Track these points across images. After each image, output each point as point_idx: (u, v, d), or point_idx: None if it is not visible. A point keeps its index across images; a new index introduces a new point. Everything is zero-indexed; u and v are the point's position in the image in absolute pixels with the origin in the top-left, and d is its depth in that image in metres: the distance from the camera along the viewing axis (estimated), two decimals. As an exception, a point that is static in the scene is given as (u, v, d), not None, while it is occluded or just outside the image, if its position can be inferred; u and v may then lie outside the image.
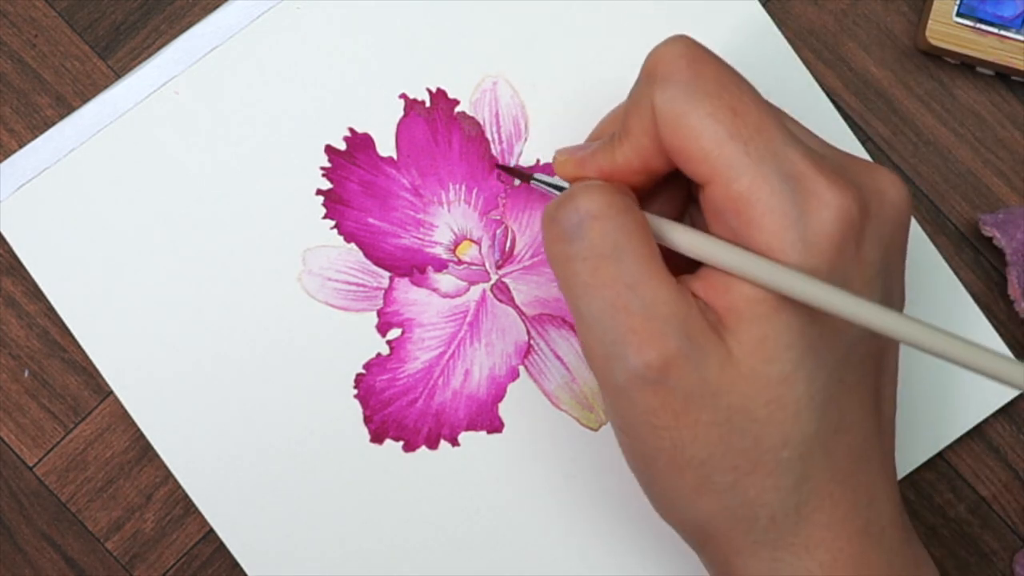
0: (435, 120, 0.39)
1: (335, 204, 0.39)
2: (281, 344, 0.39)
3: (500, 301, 0.39)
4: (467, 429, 0.39)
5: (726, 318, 0.29)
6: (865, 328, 0.29)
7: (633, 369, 0.29)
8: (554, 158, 0.34)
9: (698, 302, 0.30)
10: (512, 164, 0.39)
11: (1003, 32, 0.38)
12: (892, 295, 0.31)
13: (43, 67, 0.39)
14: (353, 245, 0.39)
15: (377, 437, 0.39)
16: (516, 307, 0.39)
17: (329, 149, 0.39)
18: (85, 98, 0.39)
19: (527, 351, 0.39)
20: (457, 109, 0.39)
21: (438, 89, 0.39)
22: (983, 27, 0.38)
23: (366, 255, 0.39)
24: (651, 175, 0.31)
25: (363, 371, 0.39)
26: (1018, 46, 0.38)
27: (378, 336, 0.39)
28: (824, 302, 0.28)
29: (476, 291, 0.39)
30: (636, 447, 0.31)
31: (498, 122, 0.39)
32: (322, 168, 0.39)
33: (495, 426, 0.39)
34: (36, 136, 0.39)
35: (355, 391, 0.39)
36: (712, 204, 0.30)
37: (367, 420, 0.39)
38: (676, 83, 0.29)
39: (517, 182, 0.39)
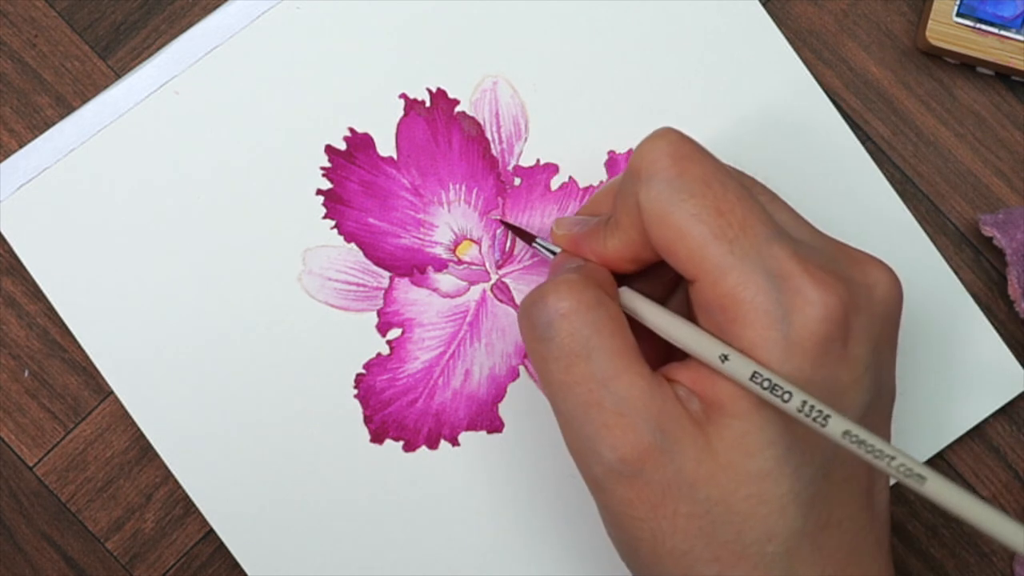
0: (435, 120, 0.39)
1: (335, 204, 0.39)
2: (281, 344, 0.39)
3: (500, 301, 0.39)
4: (467, 429, 0.39)
5: (710, 409, 0.29)
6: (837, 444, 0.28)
7: (608, 463, 0.29)
8: (552, 230, 0.34)
9: (682, 390, 0.30)
10: (511, 166, 0.39)
11: (1003, 32, 0.38)
12: (882, 391, 0.31)
13: (43, 67, 0.39)
14: (353, 245, 0.39)
15: (377, 437, 0.39)
16: (516, 307, 0.39)
17: (329, 149, 0.39)
18: (85, 98, 0.39)
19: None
20: (457, 109, 0.39)
21: (438, 89, 0.39)
22: (983, 27, 0.38)
23: (366, 255, 0.39)
24: (640, 264, 0.32)
25: (363, 371, 0.39)
26: (1018, 46, 0.38)
27: (378, 336, 0.39)
28: (795, 414, 0.28)
29: (476, 291, 0.39)
30: (619, 536, 0.31)
31: (498, 122, 0.39)
32: (322, 168, 0.39)
33: (495, 426, 0.39)
34: (36, 136, 0.39)
35: (355, 391, 0.39)
36: (699, 299, 0.30)
37: (367, 420, 0.39)
38: (660, 181, 0.30)
39: (518, 180, 0.39)
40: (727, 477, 0.29)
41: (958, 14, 0.38)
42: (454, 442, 0.39)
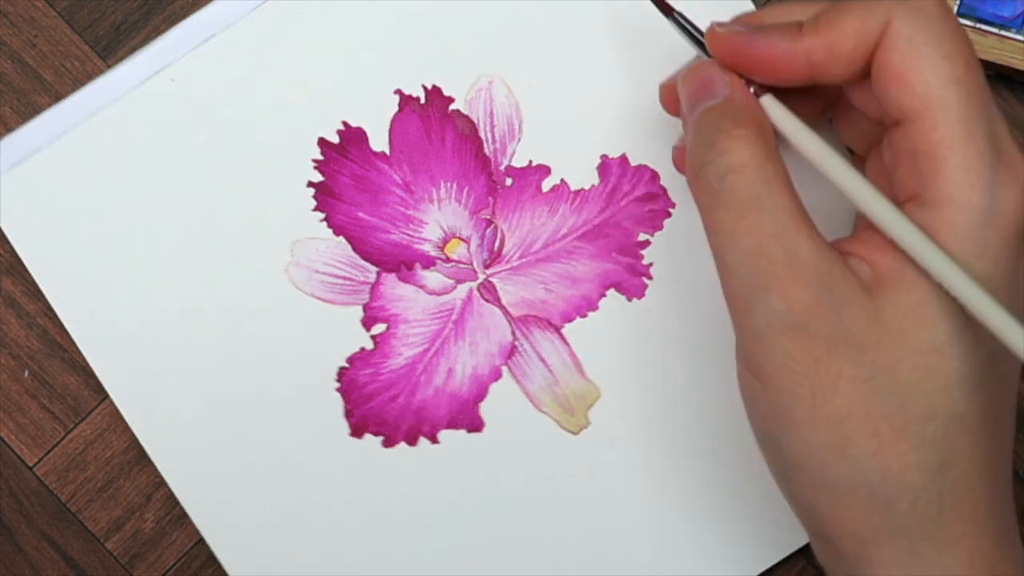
0: (429, 117, 0.39)
1: (326, 197, 0.39)
2: (265, 335, 0.39)
3: (486, 300, 0.39)
4: (447, 427, 0.39)
5: (887, 277, 0.29)
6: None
7: (776, 312, 0.28)
8: (712, 28, 0.32)
9: (852, 260, 0.29)
10: (503, 166, 0.39)
11: (1003, 32, 0.38)
12: None
13: (43, 67, 0.39)
14: (342, 239, 0.39)
15: (357, 431, 0.39)
16: (502, 307, 0.39)
17: (322, 142, 0.39)
18: (85, 98, 0.39)
19: (511, 352, 0.39)
20: (452, 107, 0.39)
21: (433, 86, 0.39)
22: (983, 27, 0.38)
23: (354, 249, 0.39)
24: (815, 78, 0.31)
25: (346, 365, 0.39)
26: (1018, 46, 0.38)
27: (363, 330, 0.39)
28: (982, 316, 0.27)
29: (463, 289, 0.39)
30: (772, 397, 0.29)
31: (492, 121, 0.39)
32: (314, 160, 0.39)
33: (475, 425, 0.39)
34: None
35: (337, 384, 0.39)
36: (904, 144, 0.29)
37: (348, 414, 0.39)
38: (927, 13, 0.29)
39: (509, 181, 0.39)
40: (896, 345, 0.28)
41: (958, 14, 0.38)
42: (433, 439, 0.39)
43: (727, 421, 0.38)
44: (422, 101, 0.39)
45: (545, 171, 0.39)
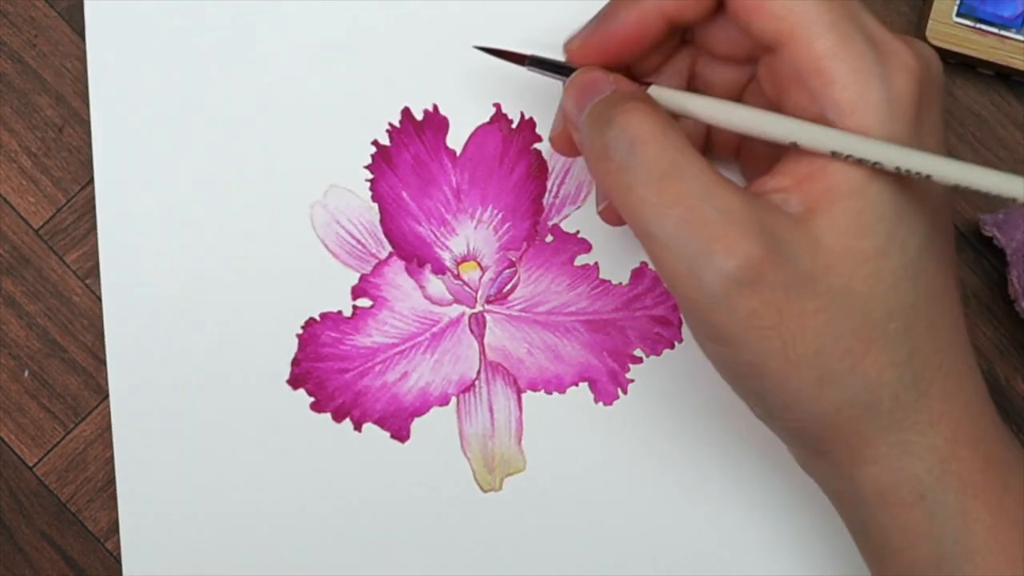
0: (511, 142, 0.39)
1: (382, 162, 0.39)
2: (262, 257, 0.39)
3: (471, 330, 0.39)
4: (375, 423, 0.39)
5: (819, 202, 0.29)
6: (954, 187, 0.29)
7: (727, 273, 0.28)
8: (565, 47, 0.33)
9: (775, 196, 0.30)
10: (552, 222, 0.39)
11: (1003, 32, 0.38)
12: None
13: (43, 67, 0.39)
14: (376, 206, 0.39)
15: (295, 381, 0.39)
16: (481, 344, 0.39)
17: (405, 112, 0.39)
18: (85, 98, 0.39)
19: (468, 387, 0.39)
20: (536, 145, 0.39)
21: (530, 118, 0.39)
22: (983, 27, 0.38)
23: (381, 221, 0.39)
24: (674, 28, 0.31)
25: (316, 318, 0.39)
26: (1018, 46, 0.38)
27: (349, 297, 0.39)
28: (919, 166, 0.28)
29: (456, 310, 0.39)
30: (743, 357, 0.30)
31: (564, 178, 0.39)
32: (390, 124, 0.39)
33: (401, 435, 0.39)
34: (36, 135, 0.39)
35: (300, 331, 0.39)
36: (786, 67, 0.29)
37: (295, 361, 0.39)
38: None
39: (550, 238, 0.39)
40: (844, 263, 0.29)
41: (958, 14, 0.38)
42: (357, 427, 0.39)
43: (632, 548, 0.39)
44: (513, 125, 0.39)
45: (586, 247, 0.39)
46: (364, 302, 0.39)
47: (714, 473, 0.39)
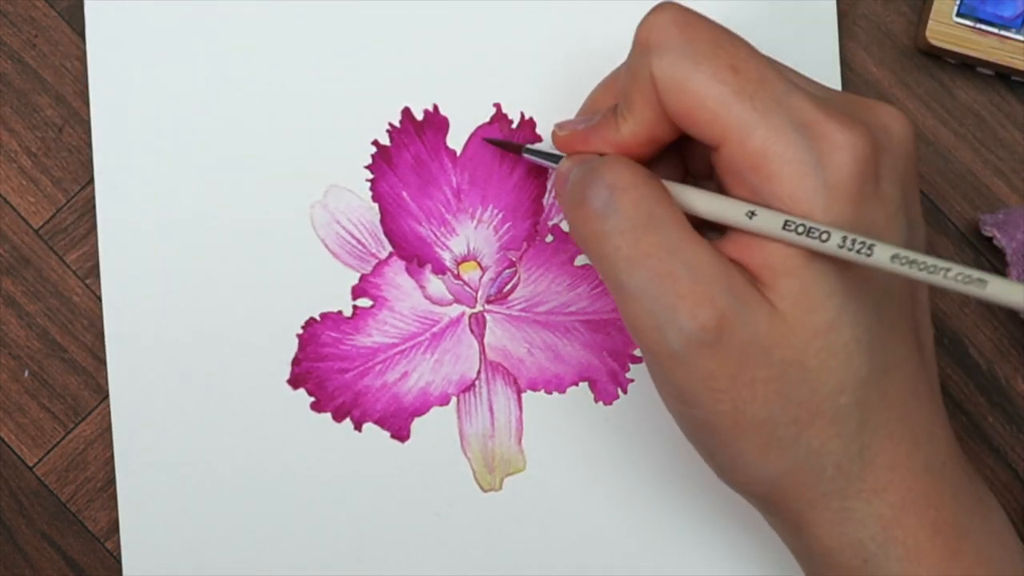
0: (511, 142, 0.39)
1: (382, 162, 0.39)
2: (260, 258, 0.39)
3: (471, 330, 0.39)
4: (376, 423, 0.39)
5: (762, 275, 0.29)
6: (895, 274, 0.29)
7: (688, 332, 0.29)
8: (553, 132, 0.34)
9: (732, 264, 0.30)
10: (552, 222, 0.39)
11: (1003, 32, 0.38)
12: (914, 228, 0.31)
13: (43, 67, 0.39)
14: (376, 206, 0.39)
15: (295, 381, 0.39)
16: (481, 344, 0.39)
17: (406, 112, 0.39)
18: (85, 98, 0.39)
19: (468, 387, 0.39)
20: (536, 145, 0.39)
21: (529, 117, 0.39)
22: (983, 27, 0.38)
23: (382, 221, 0.39)
24: (657, 145, 0.32)
25: (316, 318, 0.39)
26: (1018, 46, 0.38)
27: (349, 297, 0.39)
28: (837, 252, 0.28)
29: (456, 310, 0.39)
30: (696, 415, 0.30)
31: None
32: (390, 124, 0.39)
33: (401, 434, 0.39)
34: (36, 135, 0.39)
35: (300, 331, 0.39)
36: (728, 164, 0.30)
37: (295, 361, 0.39)
38: (671, 49, 0.30)
39: (550, 238, 0.39)
40: (797, 336, 0.29)
41: (958, 14, 0.38)
42: (358, 427, 0.39)
43: (631, 548, 0.39)
44: (513, 125, 0.39)
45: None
46: (364, 302, 0.39)
47: (714, 473, 0.39)
